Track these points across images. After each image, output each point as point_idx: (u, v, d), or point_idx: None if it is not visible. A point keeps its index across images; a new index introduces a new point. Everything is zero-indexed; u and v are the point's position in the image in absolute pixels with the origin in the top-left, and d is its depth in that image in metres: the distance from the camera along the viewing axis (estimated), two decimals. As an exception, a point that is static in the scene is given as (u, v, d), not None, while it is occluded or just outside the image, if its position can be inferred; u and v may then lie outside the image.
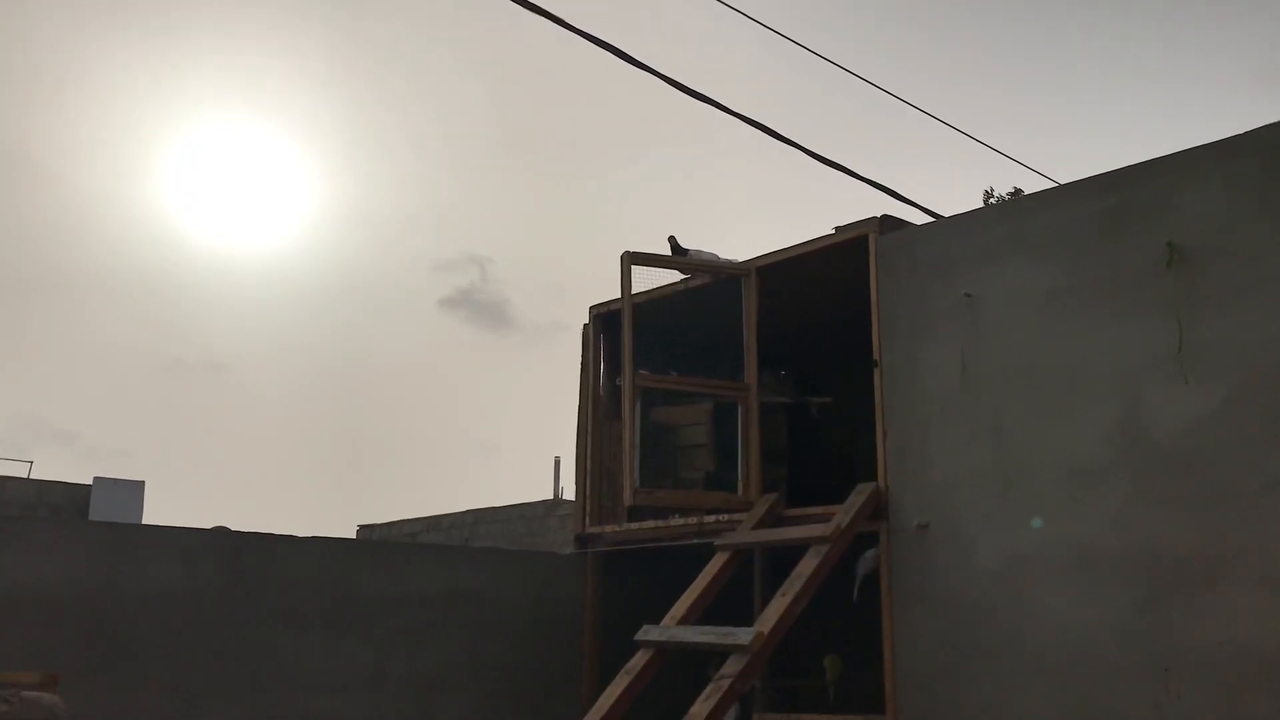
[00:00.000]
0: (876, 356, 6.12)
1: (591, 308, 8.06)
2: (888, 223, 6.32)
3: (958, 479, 5.64)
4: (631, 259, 6.96)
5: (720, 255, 7.36)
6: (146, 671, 5.83)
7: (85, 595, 5.77)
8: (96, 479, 18.83)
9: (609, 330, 7.85)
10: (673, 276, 7.41)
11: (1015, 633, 5.27)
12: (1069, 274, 5.39)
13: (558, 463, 16.82)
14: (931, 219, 7.05)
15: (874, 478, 6.04)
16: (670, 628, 5.96)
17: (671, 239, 7.26)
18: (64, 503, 18.37)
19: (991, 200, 14.23)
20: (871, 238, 6.26)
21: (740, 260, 7.14)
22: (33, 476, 19.32)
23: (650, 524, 7.26)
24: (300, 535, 6.63)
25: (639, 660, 5.89)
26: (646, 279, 7.25)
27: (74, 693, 4.28)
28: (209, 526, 6.69)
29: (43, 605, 5.63)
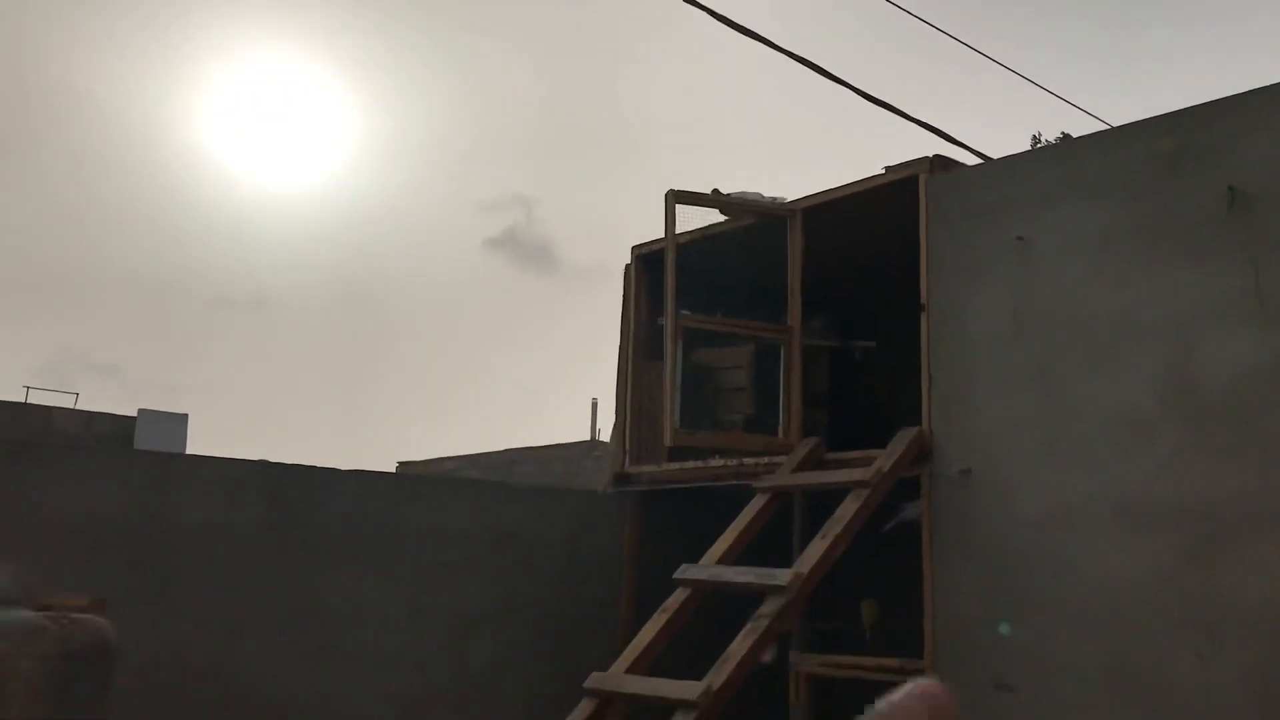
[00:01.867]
0: (924, 300, 6.05)
1: (634, 248, 8.02)
2: (939, 163, 6.21)
3: (1003, 426, 5.59)
4: (676, 198, 6.90)
5: (765, 197, 7.28)
6: (190, 600, 5.92)
7: (131, 523, 5.86)
8: (141, 411, 19.12)
9: (651, 271, 7.81)
10: (717, 217, 7.34)
11: (1057, 581, 5.24)
12: (1124, 218, 5.28)
13: (595, 405, 16.87)
14: (981, 162, 6.92)
15: (917, 423, 5.99)
16: (708, 567, 5.98)
17: (714, 191, 7.19)
18: (109, 434, 18.68)
19: (1039, 144, 13.95)
20: (922, 178, 6.15)
21: (786, 201, 7.06)
22: (79, 408, 19.66)
23: (690, 465, 7.27)
24: (343, 469, 6.69)
25: (677, 598, 5.91)
26: (690, 220, 7.21)
27: (120, 619, 4.35)
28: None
29: (90, 532, 5.73)
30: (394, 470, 16.99)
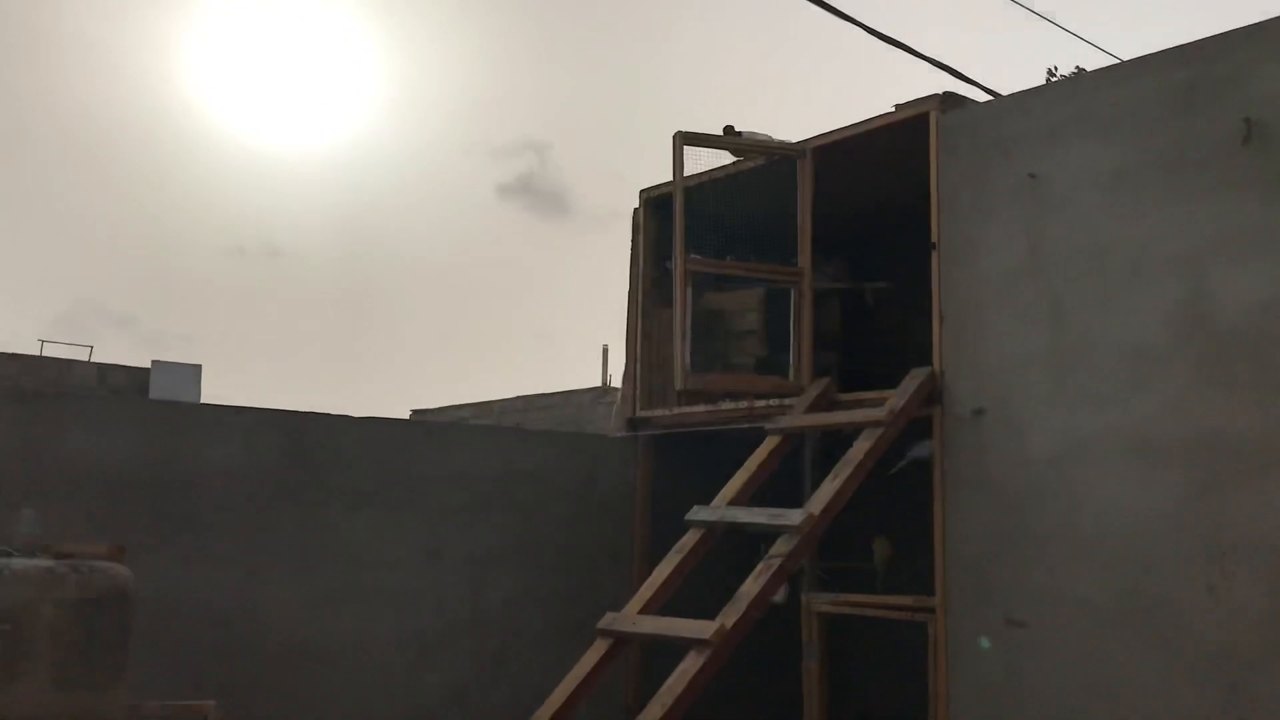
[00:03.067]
0: (934, 238, 6.00)
1: (642, 191, 7.95)
2: (950, 100, 6.14)
3: (1015, 363, 5.57)
4: (684, 139, 6.84)
5: (775, 139, 7.21)
6: (208, 545, 5.98)
7: (149, 471, 5.90)
8: (155, 362, 19.21)
9: (660, 214, 7.74)
10: (726, 159, 7.28)
11: (1068, 517, 5.25)
12: (1137, 152, 5.21)
13: (605, 351, 16.90)
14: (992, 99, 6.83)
15: (929, 364, 5.98)
16: (720, 508, 6.01)
17: (728, 128, 7.12)
18: (124, 386, 18.78)
19: (1054, 79, 13.76)
20: (933, 116, 6.08)
21: (796, 141, 7.00)
22: (93, 360, 19.74)
23: (701, 408, 7.27)
24: (356, 416, 6.71)
25: (689, 539, 5.95)
26: (700, 162, 7.14)
27: (138, 565, 4.40)
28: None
29: (107, 481, 5.77)
30: (407, 417, 17.05)
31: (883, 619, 6.27)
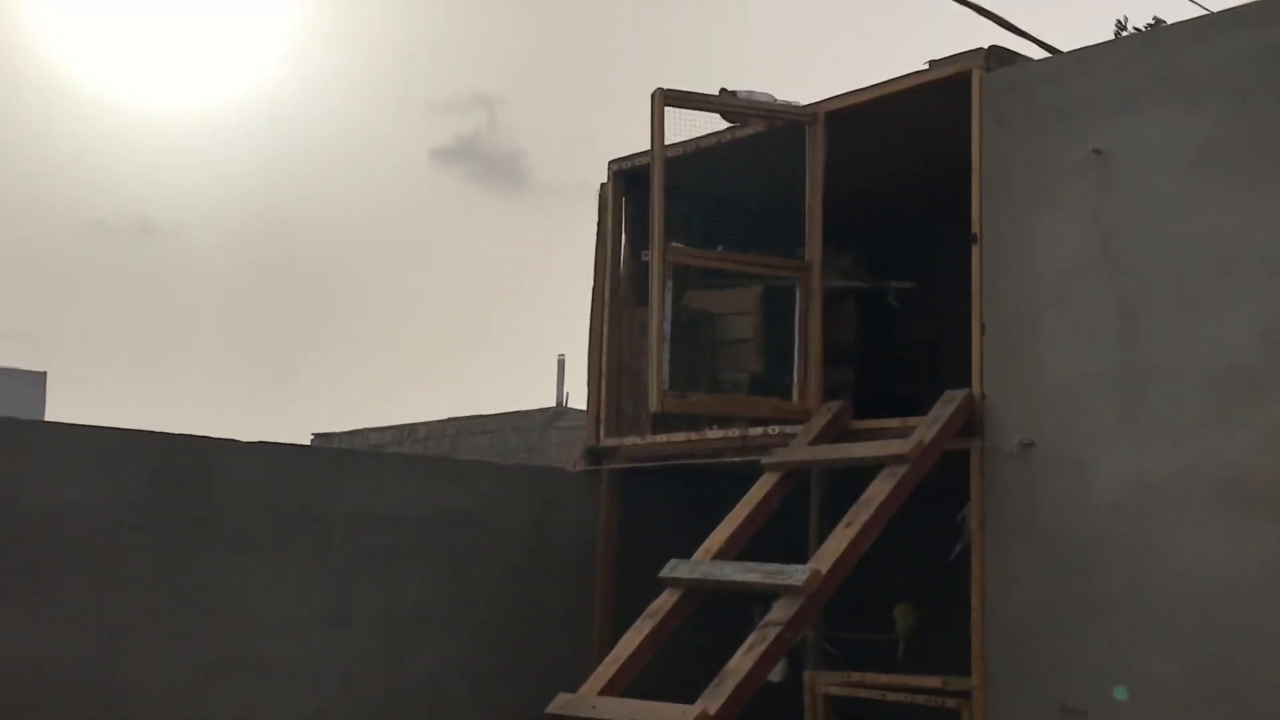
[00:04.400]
0: (976, 229, 6.06)
1: (611, 163, 7.98)
2: (997, 57, 6.19)
3: (1075, 385, 5.62)
4: (665, 98, 6.85)
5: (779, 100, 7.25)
6: (56, 602, 5.91)
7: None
8: (-12, 369, 19.03)
9: (634, 191, 7.78)
10: (718, 124, 7.29)
11: (1141, 577, 5.28)
12: (1229, 125, 5.27)
13: (562, 362, 16.90)
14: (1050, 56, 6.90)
15: (966, 383, 6.02)
16: (704, 563, 6.01)
17: (724, 91, 7.16)
18: (-53, 398, 18.58)
19: (1125, 33, 13.96)
20: (976, 75, 6.13)
21: (805, 104, 7.02)
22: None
23: (681, 436, 7.29)
24: (245, 440, 6.68)
25: (664, 602, 5.94)
26: (685, 128, 7.17)
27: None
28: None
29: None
30: (308, 443, 16.98)
31: (905, 704, 6.27)
